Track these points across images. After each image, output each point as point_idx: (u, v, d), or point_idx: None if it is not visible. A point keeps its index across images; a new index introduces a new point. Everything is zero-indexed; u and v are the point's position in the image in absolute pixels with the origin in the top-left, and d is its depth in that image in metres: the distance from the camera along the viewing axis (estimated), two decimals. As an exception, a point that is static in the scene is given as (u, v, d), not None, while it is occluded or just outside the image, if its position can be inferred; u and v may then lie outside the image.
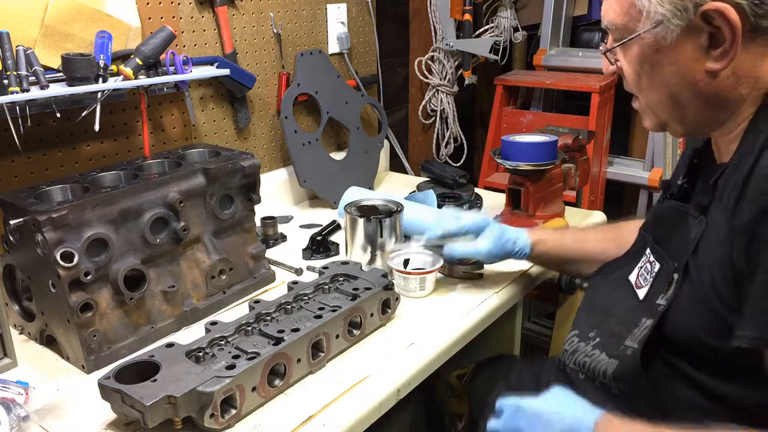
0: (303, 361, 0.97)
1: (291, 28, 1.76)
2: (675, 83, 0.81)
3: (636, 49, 0.83)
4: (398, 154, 2.26)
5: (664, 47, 0.79)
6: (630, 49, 0.84)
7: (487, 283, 1.29)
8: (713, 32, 0.76)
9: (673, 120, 0.87)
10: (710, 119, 0.84)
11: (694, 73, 0.79)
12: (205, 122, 1.60)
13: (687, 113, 0.85)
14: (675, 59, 0.80)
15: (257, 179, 1.25)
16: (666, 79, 0.82)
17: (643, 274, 0.93)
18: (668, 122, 0.89)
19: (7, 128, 1.15)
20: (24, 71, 1.11)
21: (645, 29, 0.80)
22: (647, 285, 0.91)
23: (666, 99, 0.84)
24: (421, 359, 1.05)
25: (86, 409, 0.93)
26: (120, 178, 1.16)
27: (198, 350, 0.93)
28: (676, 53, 0.79)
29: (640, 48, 0.82)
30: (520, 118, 2.40)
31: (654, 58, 0.82)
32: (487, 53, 2.30)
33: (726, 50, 0.76)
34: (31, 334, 1.12)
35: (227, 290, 1.22)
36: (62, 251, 0.96)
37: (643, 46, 0.82)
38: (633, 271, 0.96)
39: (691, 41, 0.77)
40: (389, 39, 2.15)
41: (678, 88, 0.82)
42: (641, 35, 0.81)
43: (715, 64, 0.77)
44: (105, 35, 1.21)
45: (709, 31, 0.76)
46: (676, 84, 0.81)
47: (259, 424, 0.89)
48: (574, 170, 1.61)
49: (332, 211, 1.73)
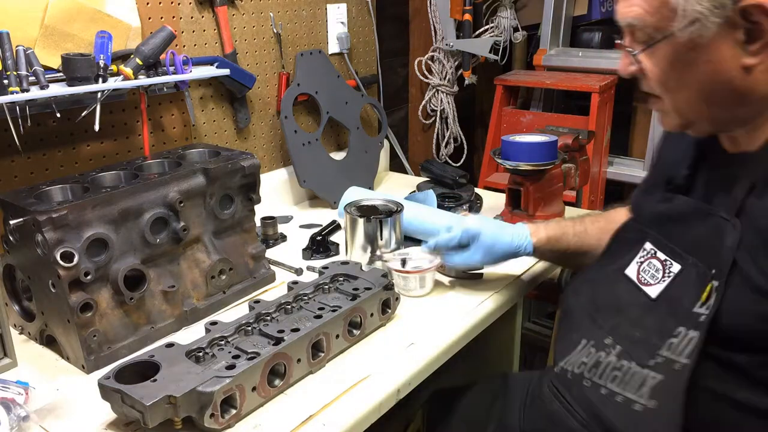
0: (303, 361, 0.97)
1: (291, 28, 1.76)
2: (709, 81, 0.79)
3: (668, 49, 0.80)
4: (398, 154, 2.26)
5: (700, 45, 0.77)
6: (660, 49, 0.81)
7: (487, 283, 1.29)
8: (750, 27, 0.74)
9: (702, 119, 0.85)
10: (742, 115, 0.82)
11: (730, 69, 0.77)
12: (205, 122, 1.60)
13: (719, 111, 0.83)
14: (710, 57, 0.77)
15: (257, 179, 1.25)
16: (699, 77, 0.80)
17: (648, 270, 0.90)
18: (695, 122, 0.86)
19: (7, 128, 1.15)
20: (24, 71, 1.11)
21: (680, 27, 0.77)
22: (658, 283, 0.88)
23: (697, 98, 0.82)
24: (421, 359, 1.05)
25: (86, 409, 0.93)
26: (120, 178, 1.16)
27: (198, 350, 0.92)
28: (711, 50, 0.77)
29: (673, 48, 0.79)
30: (520, 118, 2.40)
31: (688, 56, 0.79)
32: (487, 53, 2.30)
33: (764, 44, 0.74)
34: (31, 334, 1.12)
35: (227, 290, 1.22)
36: (62, 251, 0.96)
37: (676, 45, 0.79)
38: (630, 266, 0.93)
39: (728, 37, 0.76)
40: (389, 39, 2.15)
41: (712, 86, 0.80)
42: (675, 34, 0.78)
43: (753, 59, 0.76)
44: (105, 35, 1.21)
45: (746, 27, 0.74)
46: (710, 82, 0.79)
47: (259, 424, 0.89)
48: (574, 170, 1.61)
49: (332, 211, 1.73)
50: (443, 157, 2.47)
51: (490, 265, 1.23)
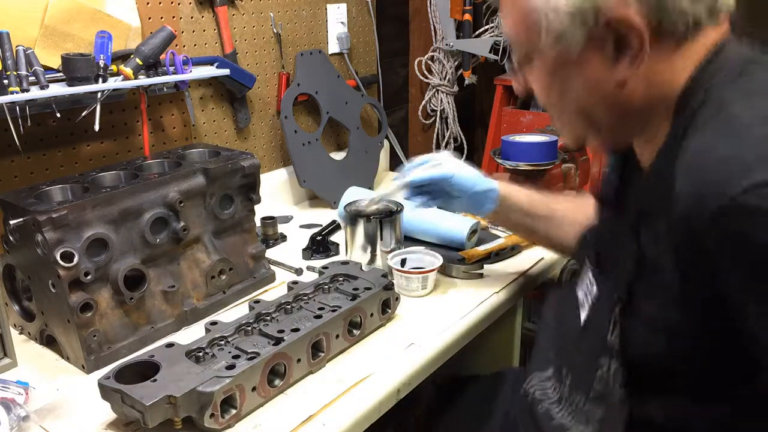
0: (303, 361, 0.97)
1: (291, 28, 1.76)
2: (585, 97, 0.77)
3: (542, 67, 0.78)
4: (398, 154, 2.26)
5: (570, 62, 0.74)
6: (536, 67, 0.79)
7: (487, 283, 1.29)
8: (619, 40, 0.71)
9: (589, 133, 0.82)
10: (625, 129, 0.79)
11: (604, 84, 0.74)
12: (205, 122, 1.60)
13: (601, 126, 0.80)
14: (583, 73, 0.74)
15: (257, 179, 1.25)
16: (575, 94, 0.77)
17: (585, 291, 0.85)
18: (585, 136, 0.84)
19: (7, 128, 1.15)
20: (24, 71, 1.11)
21: (547, 45, 0.74)
22: (587, 308, 0.83)
23: (578, 113, 0.79)
24: (421, 359, 1.05)
25: (86, 409, 0.93)
26: (120, 178, 1.16)
27: (198, 350, 0.93)
28: (582, 66, 0.74)
29: (545, 65, 0.77)
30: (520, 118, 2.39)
31: (561, 74, 0.76)
32: (487, 53, 2.29)
33: (634, 56, 0.71)
34: (31, 334, 1.12)
35: (227, 290, 1.22)
36: (62, 251, 0.96)
37: (547, 62, 0.76)
38: (580, 285, 0.87)
39: (598, 52, 0.72)
40: (389, 39, 2.15)
41: (588, 102, 0.77)
42: (544, 51, 0.75)
43: (625, 72, 0.72)
44: (105, 35, 1.21)
45: (614, 40, 0.71)
46: (586, 98, 0.77)
47: (259, 424, 0.89)
48: (574, 170, 1.61)
49: (332, 211, 1.73)
50: (443, 157, 2.47)
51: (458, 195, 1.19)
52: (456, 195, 1.18)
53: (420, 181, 1.18)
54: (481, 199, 1.18)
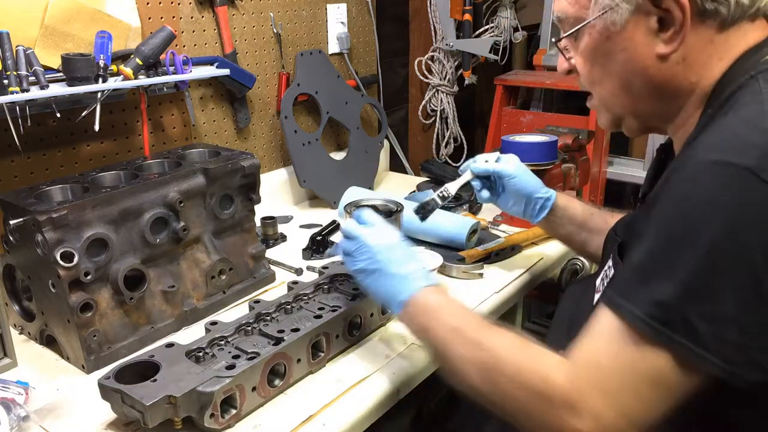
0: (303, 361, 0.97)
1: (291, 28, 1.76)
2: (627, 70, 0.81)
3: (587, 39, 0.82)
4: (398, 154, 2.26)
5: (614, 33, 0.79)
6: (581, 40, 0.83)
7: (487, 283, 1.29)
8: (662, 15, 0.75)
9: (626, 112, 0.86)
10: (661, 110, 0.83)
11: (645, 58, 0.78)
12: (205, 122, 1.60)
13: (639, 104, 0.84)
14: (625, 45, 0.79)
15: (257, 179, 1.25)
16: (618, 67, 0.81)
17: (603, 277, 0.89)
18: (623, 116, 0.88)
19: (7, 128, 1.15)
20: (24, 71, 1.11)
21: (595, 16, 0.79)
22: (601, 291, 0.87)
23: (619, 89, 0.83)
24: (421, 359, 1.05)
25: (86, 409, 0.93)
26: (120, 178, 1.16)
27: (198, 350, 0.92)
28: (626, 38, 0.78)
29: (590, 37, 0.82)
30: (520, 118, 2.40)
31: (605, 46, 0.81)
32: (487, 53, 2.30)
33: (676, 32, 0.75)
34: (31, 334, 1.12)
35: (227, 290, 1.22)
36: (62, 251, 0.96)
37: (593, 34, 0.81)
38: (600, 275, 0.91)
39: (641, 25, 0.77)
40: (389, 39, 2.15)
41: (630, 76, 0.81)
42: (591, 23, 0.80)
43: (666, 47, 0.76)
44: (105, 35, 1.21)
45: (658, 14, 0.75)
46: (627, 71, 0.81)
47: (259, 424, 0.89)
48: (574, 170, 1.61)
49: (332, 211, 1.73)
50: (443, 157, 2.47)
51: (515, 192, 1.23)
52: (514, 196, 1.23)
53: (483, 172, 1.23)
54: (538, 206, 1.21)
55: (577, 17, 0.82)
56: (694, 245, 0.64)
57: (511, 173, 1.22)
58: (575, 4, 0.82)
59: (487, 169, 1.23)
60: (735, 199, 0.63)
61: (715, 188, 0.64)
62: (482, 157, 1.26)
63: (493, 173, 1.23)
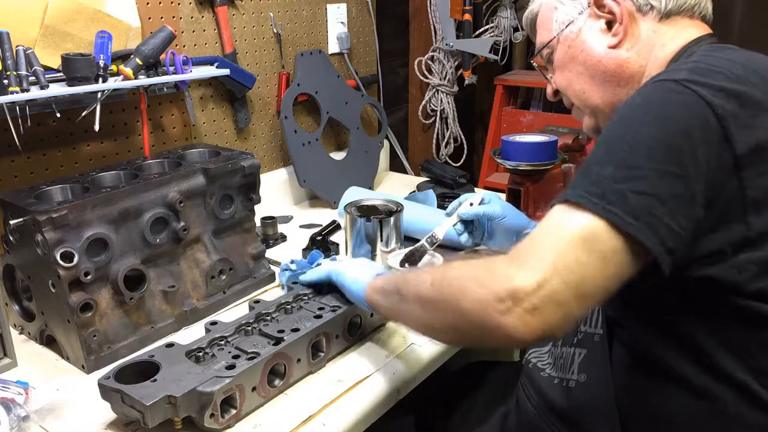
0: (303, 361, 0.97)
1: (291, 28, 1.76)
2: (588, 65, 0.94)
3: (558, 54, 0.99)
4: (398, 154, 2.26)
5: (574, 40, 0.96)
6: (554, 57, 0.99)
7: (487, 283, 1.29)
8: (608, 17, 0.92)
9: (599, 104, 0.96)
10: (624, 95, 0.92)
11: (599, 51, 0.93)
12: (205, 122, 1.60)
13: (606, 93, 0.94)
14: (584, 46, 0.95)
15: (257, 179, 1.25)
16: (581, 66, 0.95)
17: None
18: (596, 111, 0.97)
19: (7, 128, 1.15)
20: (24, 71, 1.11)
21: (558, 31, 0.97)
22: None
23: (587, 84, 0.96)
24: (421, 359, 1.05)
25: (86, 409, 0.93)
26: (120, 178, 1.16)
27: (198, 350, 0.93)
28: (583, 40, 0.95)
29: (559, 51, 0.98)
30: (520, 118, 2.40)
31: (570, 52, 0.96)
32: (487, 53, 2.30)
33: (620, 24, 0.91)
34: (31, 334, 1.12)
35: (227, 290, 1.22)
36: (62, 251, 0.96)
37: (560, 47, 0.98)
38: None
39: (593, 27, 0.94)
40: (389, 39, 2.15)
41: (591, 69, 0.94)
42: (558, 38, 0.98)
43: (614, 39, 0.92)
44: (105, 35, 1.21)
45: (605, 17, 0.92)
46: (589, 66, 0.94)
47: (259, 424, 0.89)
48: (574, 170, 1.61)
49: (332, 211, 1.73)
50: (443, 157, 2.47)
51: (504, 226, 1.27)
52: (504, 234, 1.26)
53: (473, 216, 1.26)
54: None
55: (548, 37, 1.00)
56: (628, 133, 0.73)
57: (501, 213, 1.25)
58: (544, 31, 1.01)
59: (477, 213, 1.26)
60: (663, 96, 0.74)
61: (648, 93, 0.77)
62: (466, 200, 1.29)
63: (482, 216, 1.26)
